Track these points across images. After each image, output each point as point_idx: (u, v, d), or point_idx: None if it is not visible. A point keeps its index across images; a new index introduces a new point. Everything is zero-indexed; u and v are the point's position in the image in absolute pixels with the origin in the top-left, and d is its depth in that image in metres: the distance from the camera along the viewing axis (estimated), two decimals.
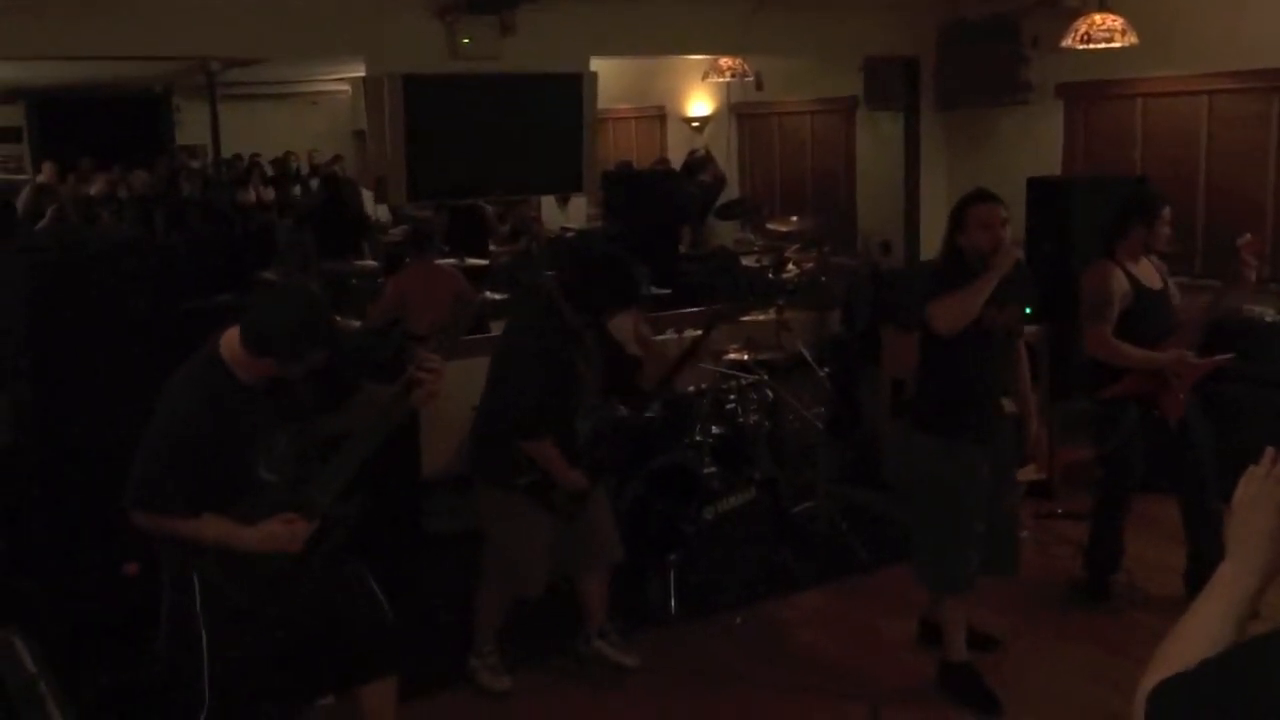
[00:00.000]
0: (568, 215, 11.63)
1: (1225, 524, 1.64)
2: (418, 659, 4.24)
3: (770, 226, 9.20)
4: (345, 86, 15.92)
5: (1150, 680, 1.52)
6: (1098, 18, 6.75)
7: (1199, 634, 1.56)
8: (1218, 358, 4.99)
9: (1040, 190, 6.93)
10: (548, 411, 4.28)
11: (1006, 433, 4.51)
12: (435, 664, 4.66)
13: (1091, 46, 6.78)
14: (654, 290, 7.59)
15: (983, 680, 4.48)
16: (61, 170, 12.55)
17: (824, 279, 8.25)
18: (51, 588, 4.71)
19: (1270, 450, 1.63)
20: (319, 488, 3.33)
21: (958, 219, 4.29)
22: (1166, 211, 5.02)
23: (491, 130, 6.83)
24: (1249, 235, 4.91)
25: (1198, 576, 4.99)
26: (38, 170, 13.17)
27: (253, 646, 3.30)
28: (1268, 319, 6.50)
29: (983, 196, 4.30)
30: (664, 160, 11.97)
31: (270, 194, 13.70)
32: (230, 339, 3.23)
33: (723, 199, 11.10)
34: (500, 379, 4.40)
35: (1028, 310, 4.53)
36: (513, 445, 4.30)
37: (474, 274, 9.21)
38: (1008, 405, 4.58)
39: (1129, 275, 4.93)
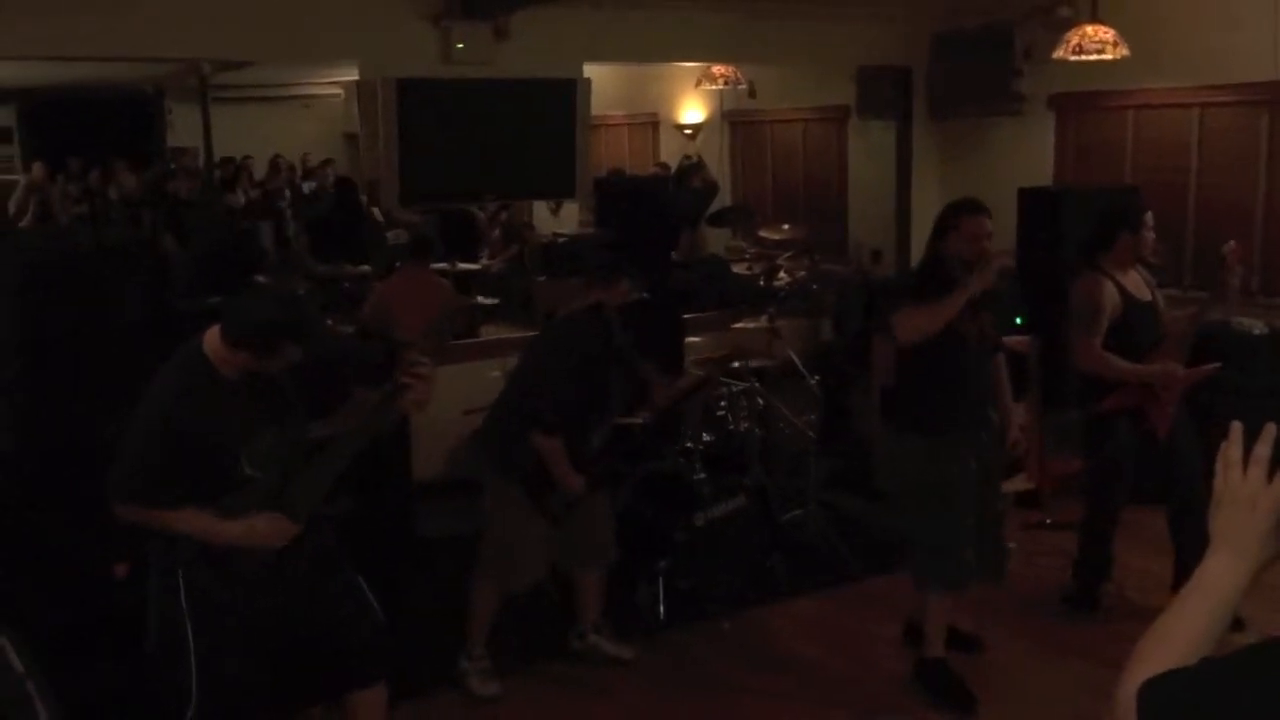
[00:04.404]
0: (560, 221, 11.62)
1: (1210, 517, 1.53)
2: (407, 663, 4.23)
3: (762, 234, 9.21)
4: (338, 90, 15.89)
5: (1134, 678, 1.43)
6: (1090, 30, 6.77)
7: (1188, 631, 1.48)
8: (1204, 368, 5.01)
9: (1031, 200, 6.95)
10: (571, 414, 4.36)
11: (992, 436, 4.54)
12: (425, 668, 4.66)
13: (1083, 58, 6.80)
14: (646, 297, 7.59)
15: (957, 677, 4.51)
16: (52, 171, 12.50)
17: (815, 287, 8.26)
18: (41, 588, 4.69)
19: (1237, 425, 1.52)
20: (302, 488, 3.33)
21: (945, 226, 4.30)
22: (1149, 216, 5.03)
23: (484, 135, 6.82)
24: (1233, 243, 4.90)
25: None
26: (28, 171, 13.11)
27: (240, 647, 3.30)
28: (1256, 331, 6.52)
29: (973, 208, 4.30)
30: (663, 166, 11.96)
31: (258, 197, 13.64)
32: (213, 335, 3.27)
33: (715, 206, 11.11)
34: (536, 368, 4.48)
35: (1018, 320, 4.54)
36: (525, 436, 4.35)
37: (465, 279, 9.23)
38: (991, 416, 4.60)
39: (1118, 287, 4.93)
